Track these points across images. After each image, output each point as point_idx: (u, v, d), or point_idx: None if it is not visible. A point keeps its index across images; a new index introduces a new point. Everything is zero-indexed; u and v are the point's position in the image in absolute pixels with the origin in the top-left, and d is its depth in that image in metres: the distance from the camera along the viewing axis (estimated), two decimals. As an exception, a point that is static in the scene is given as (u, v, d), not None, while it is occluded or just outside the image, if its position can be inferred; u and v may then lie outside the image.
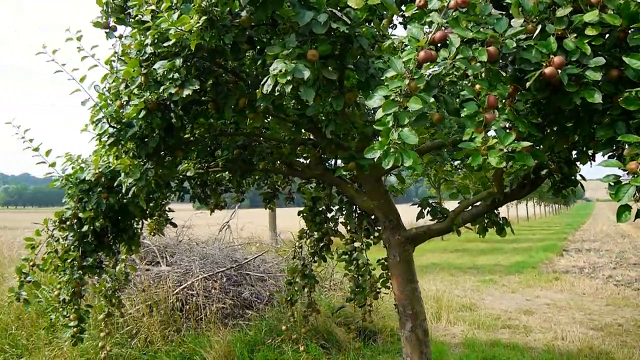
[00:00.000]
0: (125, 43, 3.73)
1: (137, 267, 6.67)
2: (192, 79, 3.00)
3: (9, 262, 9.64)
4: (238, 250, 8.31)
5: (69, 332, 4.57)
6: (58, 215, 4.40)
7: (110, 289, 5.04)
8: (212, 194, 5.14)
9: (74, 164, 4.37)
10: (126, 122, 3.41)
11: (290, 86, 2.45)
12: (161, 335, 6.32)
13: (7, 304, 7.29)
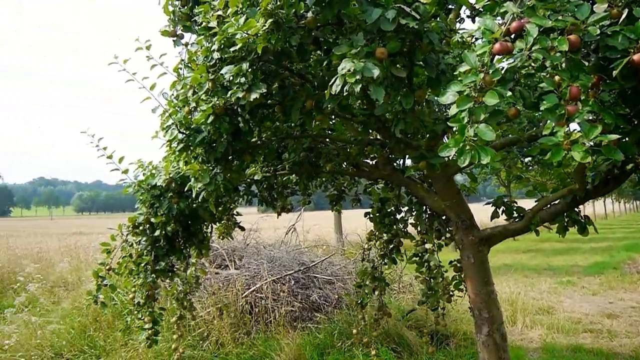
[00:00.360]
0: (191, 50, 3.80)
1: (206, 271, 6.80)
2: (258, 83, 3.01)
3: (85, 266, 10.04)
4: (305, 253, 8.33)
5: (144, 334, 4.69)
6: (131, 221, 4.52)
7: (182, 292, 5.15)
8: (279, 197, 5.16)
9: (145, 171, 4.49)
10: (195, 128, 3.46)
11: (359, 85, 2.41)
12: (231, 337, 6.41)
13: (85, 307, 7.60)
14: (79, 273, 9.57)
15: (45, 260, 13.01)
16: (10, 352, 7.14)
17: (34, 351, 6.93)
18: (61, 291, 9.38)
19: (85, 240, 21.97)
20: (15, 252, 15.70)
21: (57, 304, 8.72)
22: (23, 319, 8.01)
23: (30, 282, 9.85)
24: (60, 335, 7.22)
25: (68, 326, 7.40)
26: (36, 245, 20.34)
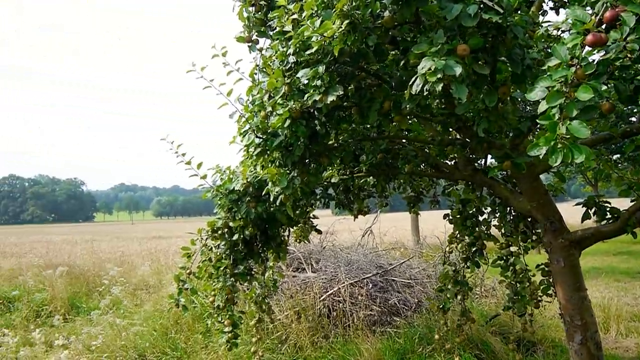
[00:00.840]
0: (265, 55, 3.85)
1: (284, 274, 6.86)
2: (335, 85, 3.00)
3: (165, 269, 10.37)
4: (382, 256, 8.27)
5: (224, 337, 4.78)
6: (210, 225, 4.62)
7: (260, 295, 5.21)
8: (355, 199, 5.14)
9: (223, 176, 4.57)
10: (272, 132, 3.50)
11: (440, 84, 2.35)
12: (310, 341, 6.44)
13: (166, 310, 7.86)
14: (159, 276, 9.91)
15: (127, 263, 13.56)
16: (96, 352, 7.47)
17: (119, 352, 7.22)
18: (143, 294, 9.74)
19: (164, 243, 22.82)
20: (99, 256, 16.46)
21: (139, 307, 9.05)
22: (108, 321, 8.37)
23: (114, 285, 10.30)
24: (143, 337, 7.49)
25: (150, 328, 7.66)
26: (118, 249, 21.28)
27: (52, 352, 8.19)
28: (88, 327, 8.58)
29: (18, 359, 8.14)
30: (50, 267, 12.97)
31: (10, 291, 12.11)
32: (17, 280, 12.92)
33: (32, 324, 10.38)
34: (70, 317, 10.14)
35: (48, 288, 11.41)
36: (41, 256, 16.05)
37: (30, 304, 11.13)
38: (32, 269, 13.31)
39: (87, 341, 7.90)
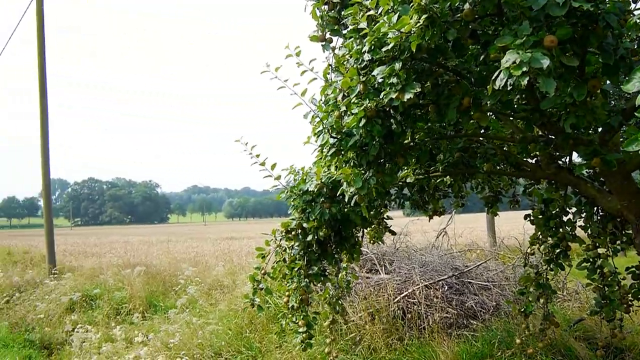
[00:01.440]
0: (337, 54, 3.83)
1: (357, 275, 6.83)
2: (412, 82, 2.93)
3: (239, 270, 10.54)
4: (457, 257, 8.10)
5: (298, 337, 4.79)
6: (284, 226, 4.64)
7: (334, 296, 5.19)
8: (431, 199, 5.04)
9: (297, 177, 4.58)
10: (346, 132, 3.47)
11: (525, 78, 2.24)
12: (384, 343, 6.37)
13: (241, 309, 7.98)
14: (233, 276, 10.08)
15: (201, 263, 13.87)
16: (174, 350, 7.68)
17: (196, 350, 7.39)
18: (218, 293, 9.93)
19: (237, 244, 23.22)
20: (174, 256, 16.94)
21: (214, 306, 9.23)
22: (185, 320, 8.59)
23: (190, 285, 10.57)
24: (218, 335, 7.63)
25: (225, 327, 7.80)
26: (192, 250, 21.84)
27: (132, 348, 8.48)
28: (165, 325, 8.84)
29: (100, 354, 8.49)
30: (128, 266, 13.45)
31: (92, 289, 12.66)
32: (98, 279, 13.48)
33: (113, 321, 10.80)
34: (148, 315, 10.46)
35: (127, 287, 11.84)
36: (120, 256, 16.70)
37: (110, 302, 11.60)
38: (112, 268, 13.86)
39: (165, 339, 8.13)
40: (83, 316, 11.60)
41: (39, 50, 16.23)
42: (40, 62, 16.27)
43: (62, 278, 14.57)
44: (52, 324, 11.97)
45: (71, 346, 10.16)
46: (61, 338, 11.04)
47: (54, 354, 10.55)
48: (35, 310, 13.12)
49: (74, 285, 13.37)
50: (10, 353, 9.68)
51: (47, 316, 12.45)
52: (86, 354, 9.02)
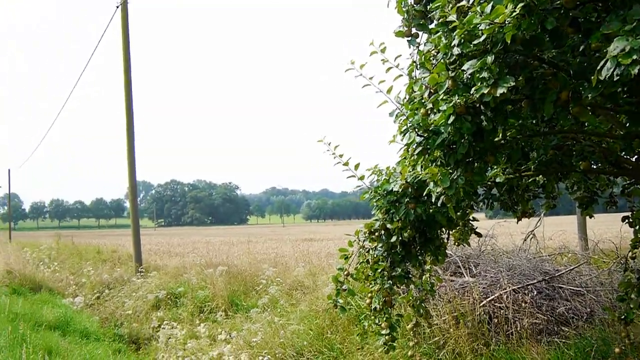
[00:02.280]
0: (422, 50, 3.73)
1: (441, 278, 6.68)
2: (505, 76, 2.81)
3: (319, 271, 10.57)
4: (547, 261, 7.76)
5: (381, 339, 4.72)
6: (368, 227, 4.58)
7: (418, 299, 5.10)
8: (520, 200, 4.84)
9: (380, 177, 4.51)
10: (433, 130, 3.37)
11: (636, 67, 2.08)
12: (469, 348, 6.19)
13: (323, 310, 7.99)
14: (314, 277, 10.13)
15: (281, 264, 14.03)
16: (256, 348, 7.80)
17: (278, 349, 7.47)
18: (298, 294, 10.00)
19: (316, 246, 23.35)
20: (255, 257, 17.24)
21: (295, 306, 9.30)
22: (266, 319, 8.70)
23: (271, 285, 10.71)
24: (300, 335, 7.68)
25: (307, 327, 7.84)
26: (272, 251, 22.16)
27: (216, 345, 8.69)
28: (248, 323, 8.99)
29: (185, 350, 8.75)
30: (210, 266, 13.79)
31: (176, 287, 13.09)
32: (181, 277, 13.91)
33: (197, 318, 11.11)
34: (230, 314, 10.69)
35: (209, 286, 12.14)
36: (202, 256, 17.16)
37: (194, 300, 11.94)
38: (195, 268, 14.26)
39: (247, 337, 8.27)
40: (168, 313, 12.01)
41: (124, 55, 16.98)
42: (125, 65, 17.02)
43: (148, 276, 15.16)
44: (139, 320, 12.47)
45: (157, 342, 10.53)
46: (148, 334, 11.48)
47: (141, 348, 10.98)
48: (123, 307, 13.73)
49: (159, 283, 13.87)
50: (102, 346, 10.14)
51: (134, 312, 12.98)
52: (172, 349, 9.32)
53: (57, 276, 20.80)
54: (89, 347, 9.71)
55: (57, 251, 28.49)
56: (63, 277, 20.48)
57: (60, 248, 29.52)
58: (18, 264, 20.09)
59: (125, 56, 16.92)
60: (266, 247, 25.62)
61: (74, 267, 22.25)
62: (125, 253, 21.53)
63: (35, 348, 8.20)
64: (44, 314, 12.12)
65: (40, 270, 21.28)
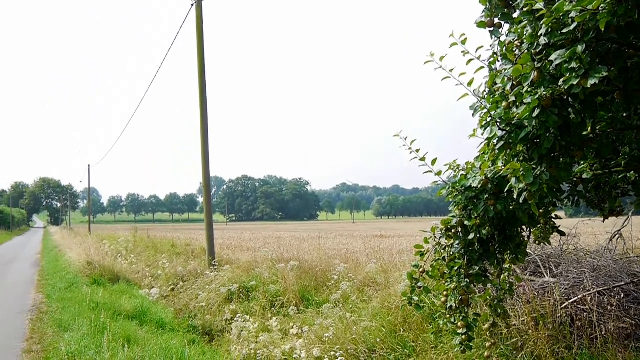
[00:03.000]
0: (503, 41, 3.63)
1: (520, 277, 6.50)
2: (597, 66, 2.69)
3: (391, 268, 10.51)
4: (636, 262, 7.38)
5: (457, 339, 4.64)
6: (444, 223, 4.51)
7: (495, 298, 4.98)
8: (607, 197, 4.63)
9: (457, 172, 4.43)
10: (516, 124, 3.28)
11: None
12: (550, 350, 5.99)
13: (395, 307, 7.95)
14: (386, 274, 10.07)
15: (352, 260, 14.04)
16: (328, 343, 7.84)
17: (349, 345, 7.48)
18: (370, 290, 9.98)
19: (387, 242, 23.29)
20: (325, 252, 17.33)
21: (366, 303, 9.28)
22: (338, 315, 8.73)
23: (343, 281, 10.73)
24: (372, 332, 7.66)
25: (379, 324, 7.81)
26: (343, 247, 22.23)
27: (287, 339, 8.81)
28: (319, 319, 9.05)
29: (258, 343, 8.91)
30: (281, 261, 13.97)
31: (248, 281, 13.33)
32: (253, 272, 14.16)
33: (268, 312, 11.29)
34: (301, 309, 10.80)
35: (281, 280, 12.30)
36: (273, 251, 17.40)
37: (265, 294, 12.13)
38: (267, 262, 14.48)
39: (319, 332, 8.33)
40: (240, 306, 12.25)
41: (198, 53, 17.42)
42: (200, 64, 17.45)
43: (221, 270, 15.53)
44: (212, 312, 12.80)
45: (230, 334, 10.78)
46: (221, 326, 11.77)
47: (214, 340, 11.27)
48: (197, 299, 14.13)
49: (232, 277, 14.18)
50: (177, 337, 10.47)
51: (207, 305, 13.34)
52: (244, 342, 9.51)
53: (134, 268, 21.66)
54: (165, 337, 10.05)
55: (134, 244, 29.67)
56: (139, 269, 21.30)
57: (136, 241, 30.72)
58: (98, 255, 21.08)
59: (200, 54, 17.35)
60: (336, 243, 25.74)
61: (149, 259, 23.10)
62: (198, 247, 22.12)
63: (115, 336, 8.56)
64: (123, 304, 12.65)
65: (119, 262, 22.25)
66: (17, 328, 11.59)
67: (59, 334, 10.16)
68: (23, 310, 13.86)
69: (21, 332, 11.18)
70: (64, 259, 25.60)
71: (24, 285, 19.28)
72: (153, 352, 8.41)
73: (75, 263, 21.40)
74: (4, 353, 9.32)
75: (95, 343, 8.74)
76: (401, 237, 34.43)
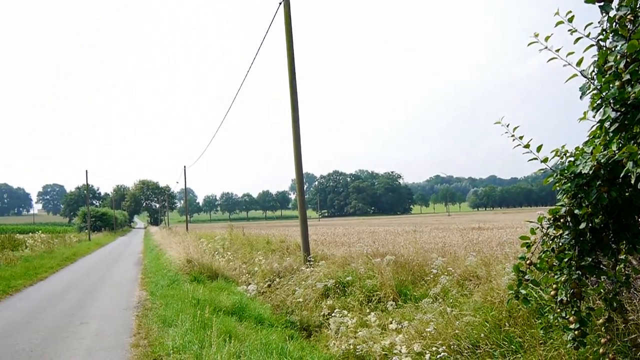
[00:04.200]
0: (612, 17, 3.46)
1: (638, 269, 6.16)
2: None
3: (493, 261, 10.26)
4: None
5: (569, 334, 4.48)
6: (552, 213, 4.35)
7: (610, 292, 4.75)
8: None
9: (563, 158, 4.26)
10: (632, 103, 3.12)
11: None
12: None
13: (497, 302, 7.75)
14: (488, 268, 9.84)
15: (449, 254, 13.82)
16: (429, 339, 7.77)
17: (452, 341, 7.37)
18: (471, 284, 9.79)
19: (485, 235, 22.72)
20: (421, 246, 17.15)
21: (467, 297, 9.12)
22: (438, 309, 8.63)
23: (442, 275, 10.60)
24: (475, 327, 7.51)
25: (481, 319, 7.64)
26: (439, 240, 21.92)
27: (386, 335, 8.80)
28: (419, 313, 8.98)
29: (357, 338, 8.96)
30: (377, 255, 13.97)
31: (344, 277, 13.44)
32: (349, 267, 14.25)
33: (366, 307, 11.33)
34: (399, 304, 10.75)
35: (377, 275, 12.30)
36: (368, 245, 17.42)
37: (362, 289, 12.17)
38: (362, 257, 14.53)
39: (419, 327, 8.27)
40: (337, 302, 12.37)
41: (288, 51, 17.68)
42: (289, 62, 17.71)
43: (316, 265, 15.73)
44: (309, 308, 13.00)
45: (328, 329, 10.91)
46: (318, 321, 11.94)
47: (312, 335, 11.45)
48: (294, 295, 14.39)
49: (327, 272, 14.33)
50: (276, 332, 10.72)
51: (304, 300, 13.57)
52: (343, 337, 9.60)
53: (231, 265, 22.37)
54: (264, 333, 10.32)
55: (230, 241, 30.64)
56: (236, 266, 21.97)
57: (232, 239, 31.71)
58: (196, 253, 21.93)
59: (289, 51, 17.61)
60: (432, 237, 25.42)
61: (245, 256, 23.78)
62: (293, 243, 22.52)
63: (216, 331, 8.87)
64: (222, 300, 13.11)
65: (216, 259, 23.03)
66: (125, 324, 12.30)
67: (163, 329, 10.68)
68: (129, 306, 14.69)
69: (128, 327, 11.85)
70: (165, 257, 26.86)
71: (128, 283, 20.42)
72: (254, 347, 8.66)
73: (176, 261, 22.38)
74: (115, 348, 9.93)
75: (198, 338, 9.11)
76: (500, 229, 33.48)
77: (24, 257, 29.87)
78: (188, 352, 8.46)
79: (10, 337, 11.19)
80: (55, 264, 28.83)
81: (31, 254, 32.99)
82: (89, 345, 10.20)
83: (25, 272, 23.12)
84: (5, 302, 16.27)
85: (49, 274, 24.53)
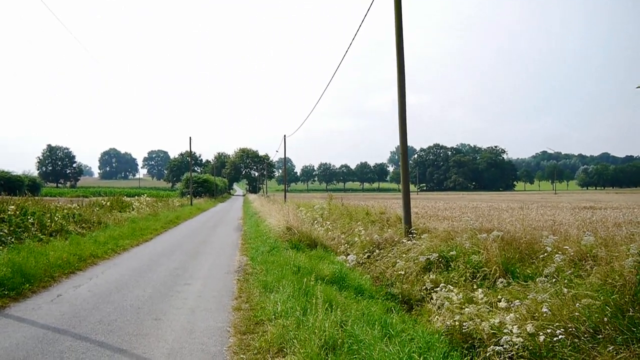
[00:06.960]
0: None
1: None
2: None
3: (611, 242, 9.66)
4: None
5: None
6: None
7: None
8: None
9: None
10: None
11: None
12: None
13: (618, 285, 7.26)
14: (607, 248, 9.27)
15: (559, 233, 13.20)
16: (542, 320, 7.39)
17: (569, 323, 6.98)
18: (587, 265, 9.28)
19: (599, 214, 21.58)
20: (529, 224, 16.50)
21: (583, 278, 8.64)
22: (554, 290, 8.21)
23: (556, 254, 10.09)
24: (594, 310, 7.07)
25: (601, 302, 7.19)
26: (548, 218, 21.02)
27: (494, 313, 8.50)
28: (531, 293, 8.60)
29: (463, 314, 8.72)
30: (482, 231, 13.54)
31: (447, 251, 13.14)
32: (452, 241, 13.91)
33: (471, 283, 11.02)
34: (505, 281, 10.37)
35: (482, 251, 11.92)
36: (472, 221, 16.99)
37: (466, 265, 11.85)
38: (467, 232, 14.14)
39: (531, 307, 7.92)
40: (439, 276, 12.13)
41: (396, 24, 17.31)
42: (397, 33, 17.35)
43: (418, 238, 15.51)
44: (410, 281, 12.85)
45: (430, 304, 10.73)
46: (419, 295, 11.76)
47: (413, 309, 11.30)
48: (394, 267, 14.28)
49: (430, 246, 14.09)
50: (376, 304, 10.66)
51: (405, 273, 13.42)
52: (447, 312, 9.38)
53: (329, 235, 22.54)
54: (364, 303, 10.29)
55: (329, 211, 30.87)
56: (335, 235, 22.11)
57: (331, 208, 31.93)
58: (296, 222, 22.23)
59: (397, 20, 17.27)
60: (540, 214, 24.48)
61: (344, 226, 23.86)
62: (393, 215, 22.33)
63: (317, 299, 8.93)
64: (322, 269, 13.21)
65: (315, 228, 23.28)
66: (227, 287, 12.72)
67: (264, 294, 10.92)
68: (230, 270, 15.18)
69: (230, 290, 12.25)
70: (264, 225, 27.50)
71: (229, 247, 21.11)
72: (355, 317, 8.64)
73: (275, 228, 22.83)
74: (217, 310, 10.27)
75: (300, 305, 9.21)
76: (615, 209, 31.69)
77: (131, 219, 31.65)
78: (290, 318, 8.57)
79: (120, 292, 11.87)
80: (159, 226, 30.39)
81: (137, 215, 34.89)
82: (193, 305, 10.62)
83: (132, 233, 24.49)
84: (114, 260, 17.31)
85: (154, 235, 25.88)
